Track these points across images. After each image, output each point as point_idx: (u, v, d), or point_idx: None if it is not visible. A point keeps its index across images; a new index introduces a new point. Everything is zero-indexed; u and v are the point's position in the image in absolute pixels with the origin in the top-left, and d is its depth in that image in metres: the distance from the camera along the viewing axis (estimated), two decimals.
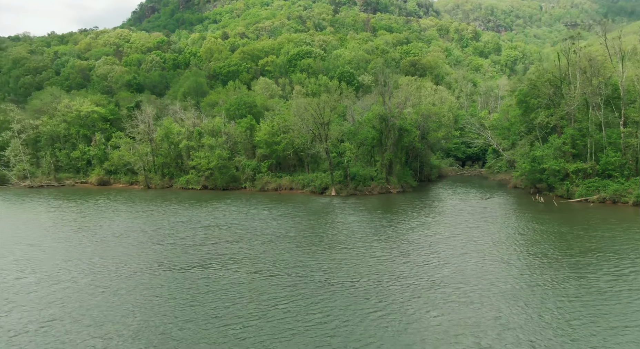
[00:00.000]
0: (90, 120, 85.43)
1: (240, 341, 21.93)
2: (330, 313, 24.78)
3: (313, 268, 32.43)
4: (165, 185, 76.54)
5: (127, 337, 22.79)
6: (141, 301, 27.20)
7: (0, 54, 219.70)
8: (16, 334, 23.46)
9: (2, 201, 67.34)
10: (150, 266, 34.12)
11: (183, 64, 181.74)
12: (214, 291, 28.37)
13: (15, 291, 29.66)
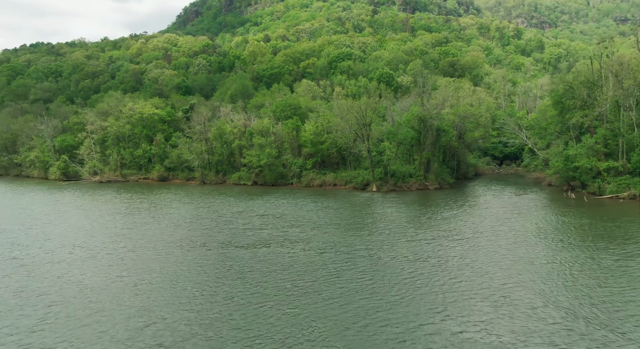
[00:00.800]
0: (151, 122, 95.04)
1: (307, 299, 28.37)
2: (373, 278, 30.88)
3: (357, 247, 38.62)
4: (219, 181, 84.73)
5: (224, 296, 29.70)
6: (226, 270, 34.23)
7: (60, 59, 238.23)
8: (136, 286, 30.87)
9: (81, 194, 77.32)
10: (223, 244, 41.29)
11: (228, 67, 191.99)
12: (279, 263, 35.05)
13: (126, 258, 37.44)
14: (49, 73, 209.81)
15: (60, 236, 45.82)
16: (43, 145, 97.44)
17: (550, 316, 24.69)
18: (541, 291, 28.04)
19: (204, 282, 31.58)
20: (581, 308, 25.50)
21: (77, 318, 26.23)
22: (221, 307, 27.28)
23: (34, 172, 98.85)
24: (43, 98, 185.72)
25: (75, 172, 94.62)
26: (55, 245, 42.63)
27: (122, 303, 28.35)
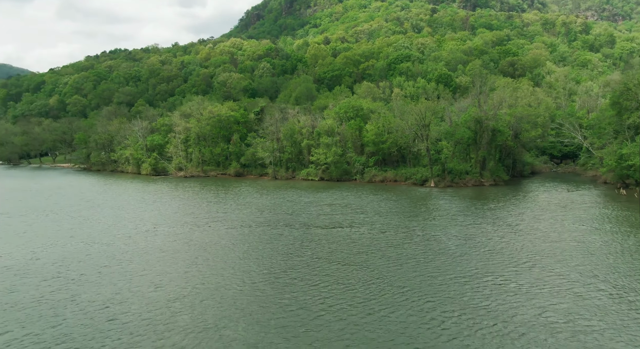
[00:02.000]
0: (227, 123, 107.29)
1: (375, 260, 36.80)
2: (427, 251, 38.74)
3: (413, 228, 46.53)
4: (289, 176, 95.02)
5: (311, 256, 38.81)
6: (311, 242, 43.44)
7: (137, 65, 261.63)
8: (245, 252, 40.71)
9: (173, 186, 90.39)
10: (303, 225, 50.65)
11: (290, 69, 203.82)
12: (350, 238, 43.74)
13: (229, 234, 47.68)
14: (129, 78, 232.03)
15: (173, 217, 57.31)
16: (136, 145, 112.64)
17: (559, 272, 31.54)
18: (561, 260, 34.70)
19: (296, 249, 40.94)
20: (586, 265, 32.06)
21: (206, 264, 36.34)
22: (314, 264, 36.37)
23: (128, 168, 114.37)
24: (125, 101, 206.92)
25: (163, 168, 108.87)
26: (173, 222, 53.95)
27: (235, 262, 38.23)
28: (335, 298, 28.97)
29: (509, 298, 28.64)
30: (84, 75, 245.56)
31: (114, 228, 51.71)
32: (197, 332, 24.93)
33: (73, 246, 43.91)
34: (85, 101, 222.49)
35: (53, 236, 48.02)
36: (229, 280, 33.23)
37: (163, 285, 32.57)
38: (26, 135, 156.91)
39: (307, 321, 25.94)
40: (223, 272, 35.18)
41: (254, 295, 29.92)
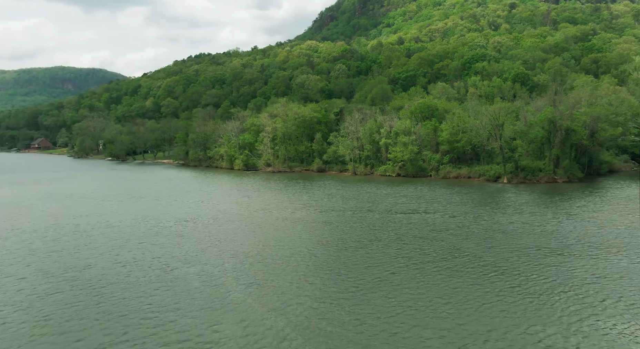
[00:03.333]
0: (310, 123, 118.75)
1: (450, 238, 44.99)
2: (487, 230, 46.23)
3: (482, 215, 53.86)
4: (368, 172, 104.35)
5: (393, 237, 47.87)
6: (388, 224, 52.49)
7: (221, 68, 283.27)
8: (338, 236, 50.62)
9: (264, 180, 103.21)
10: (384, 211, 59.69)
11: (365, 70, 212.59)
12: (424, 222, 52.11)
13: (323, 218, 57.95)
14: (214, 81, 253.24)
15: (274, 202, 68.84)
16: (230, 143, 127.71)
17: (592, 250, 37.87)
18: (602, 242, 40.79)
19: (379, 227, 50.19)
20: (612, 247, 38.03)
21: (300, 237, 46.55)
22: (396, 237, 45.35)
23: (222, 164, 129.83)
24: (212, 103, 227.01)
25: (253, 164, 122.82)
26: (275, 206, 65.34)
27: (332, 233, 48.16)
28: (417, 259, 37.75)
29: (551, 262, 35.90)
30: (175, 79, 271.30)
31: (233, 208, 64.00)
32: (313, 271, 34.89)
33: (219, 220, 56.37)
34: (177, 103, 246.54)
35: (201, 212, 61.04)
36: (329, 245, 43.10)
37: (285, 246, 43.20)
38: (132, 134, 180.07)
39: (394, 269, 35.01)
40: (324, 240, 45.21)
41: (349, 256, 39.50)
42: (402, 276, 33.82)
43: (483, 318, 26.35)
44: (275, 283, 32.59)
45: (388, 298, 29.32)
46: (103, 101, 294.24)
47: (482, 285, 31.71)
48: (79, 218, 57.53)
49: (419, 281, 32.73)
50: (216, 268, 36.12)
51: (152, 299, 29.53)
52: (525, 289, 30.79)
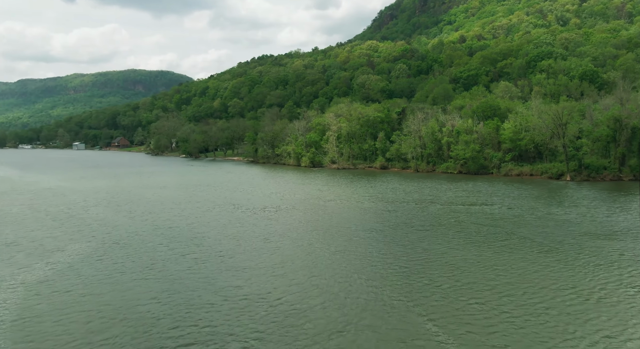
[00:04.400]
0: (374, 122, 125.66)
1: (508, 225, 50.49)
2: (541, 218, 51.09)
3: (538, 207, 58.51)
4: (429, 169, 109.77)
5: (453, 224, 54.03)
6: (450, 213, 58.53)
7: (284, 69, 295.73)
8: (402, 225, 57.46)
9: (330, 175, 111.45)
10: (446, 203, 65.61)
11: (425, 70, 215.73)
12: (483, 212, 57.66)
13: (387, 209, 64.91)
14: (278, 82, 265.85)
15: (343, 194, 76.67)
16: (297, 141, 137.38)
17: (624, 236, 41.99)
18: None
19: (441, 215, 56.44)
20: None
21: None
22: (456, 223, 51.51)
23: (290, 161, 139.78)
24: (276, 103, 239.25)
25: (318, 161, 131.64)
26: (346, 197, 73.10)
27: (400, 219, 54.99)
28: (473, 240, 43.88)
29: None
30: (240, 80, 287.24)
31: (308, 198, 72.57)
32: (384, 245, 42.04)
33: (298, 207, 65.19)
34: (243, 103, 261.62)
35: (281, 201, 70.25)
36: (397, 227, 50.08)
37: (359, 227, 50.74)
38: (204, 133, 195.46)
39: (453, 246, 41.43)
40: (391, 223, 52.27)
41: (415, 236, 46.24)
42: (459, 251, 40.33)
43: (526, 277, 32.49)
44: (356, 251, 40.29)
45: (449, 265, 36.09)
46: (174, 102, 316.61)
47: (529, 259, 37.60)
48: (181, 203, 68.39)
49: (474, 254, 39.14)
50: (305, 241, 44.39)
51: (261, 263, 38.17)
52: (566, 262, 36.39)
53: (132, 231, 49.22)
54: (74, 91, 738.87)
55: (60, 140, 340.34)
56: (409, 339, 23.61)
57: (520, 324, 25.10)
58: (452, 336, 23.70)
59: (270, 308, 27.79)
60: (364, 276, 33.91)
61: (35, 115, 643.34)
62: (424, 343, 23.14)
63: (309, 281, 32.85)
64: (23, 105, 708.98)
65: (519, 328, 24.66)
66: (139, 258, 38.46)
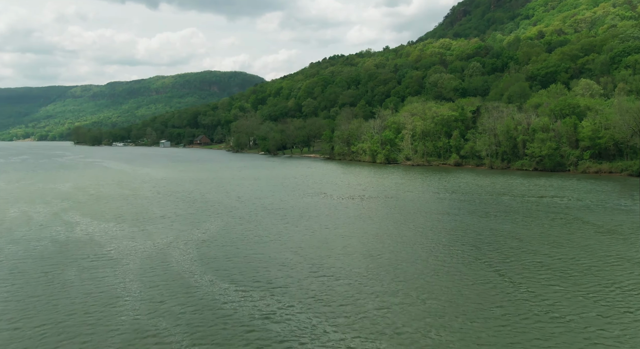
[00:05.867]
0: (448, 121, 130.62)
1: (577, 213, 55.38)
2: (609, 209, 55.19)
3: (606, 201, 62.20)
4: (504, 167, 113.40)
5: (524, 214, 59.57)
6: (521, 203, 63.81)
7: (355, 69, 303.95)
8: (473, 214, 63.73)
9: (405, 172, 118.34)
10: (519, 196, 70.63)
11: (500, 67, 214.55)
12: (553, 203, 62.42)
13: (464, 198, 71.21)
14: (350, 82, 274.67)
15: (420, 188, 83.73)
16: (372, 139, 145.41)
17: None
18: None
19: (514, 206, 62.01)
20: None
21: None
22: (528, 212, 57.04)
23: (365, 158, 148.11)
24: (348, 102, 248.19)
25: (393, 158, 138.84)
26: (421, 190, 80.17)
27: (475, 208, 61.32)
28: (539, 222, 49.57)
29: None
30: (314, 80, 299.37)
31: (389, 190, 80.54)
32: (461, 225, 48.94)
33: (380, 196, 73.60)
34: (316, 103, 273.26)
35: (367, 191, 78.97)
36: (473, 213, 56.62)
37: (440, 211, 57.92)
38: (282, 132, 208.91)
39: (522, 226, 47.50)
40: (467, 210, 58.90)
41: (490, 221, 52.61)
42: (526, 231, 46.55)
43: (587, 248, 38.41)
44: (439, 226, 47.83)
45: (516, 238, 42.67)
46: (250, 102, 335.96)
47: (593, 238, 43.14)
48: (276, 192, 79.14)
49: (539, 233, 45.19)
50: (392, 221, 52.59)
51: (360, 232, 46.81)
52: (624, 239, 41.63)
53: (248, 211, 59.99)
54: (155, 92, 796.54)
55: (148, 138, 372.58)
56: (483, 283, 31.02)
57: (575, 281, 31.62)
58: (516, 282, 30.83)
59: (386, 257, 36.31)
60: (440, 251, 41.53)
61: (123, 115, 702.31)
62: (493, 286, 30.47)
63: (410, 247, 41.04)
64: (112, 106, 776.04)
65: (574, 285, 31.22)
66: (265, 230, 48.59)
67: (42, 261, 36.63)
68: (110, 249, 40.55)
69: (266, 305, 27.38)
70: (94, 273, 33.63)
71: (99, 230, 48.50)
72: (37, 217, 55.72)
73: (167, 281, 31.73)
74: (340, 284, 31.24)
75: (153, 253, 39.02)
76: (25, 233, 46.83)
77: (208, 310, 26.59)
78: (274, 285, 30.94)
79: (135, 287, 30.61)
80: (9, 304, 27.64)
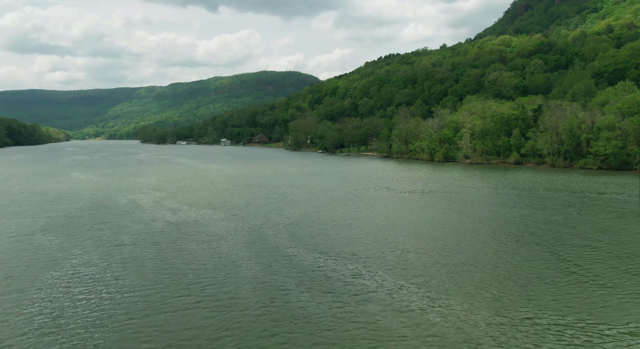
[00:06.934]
0: (509, 119, 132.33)
1: None
2: None
3: None
4: (566, 165, 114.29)
5: (579, 210, 62.80)
6: (581, 199, 66.84)
7: (411, 68, 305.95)
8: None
9: (466, 169, 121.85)
10: (578, 192, 73.34)
11: (564, 64, 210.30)
12: (610, 199, 64.94)
13: (524, 193, 74.90)
14: (406, 81, 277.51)
15: (479, 185, 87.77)
16: (431, 138, 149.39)
17: None
18: None
19: (574, 200, 65.17)
20: None
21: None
22: (581, 205, 60.33)
23: (423, 156, 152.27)
24: (404, 101, 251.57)
25: (451, 156, 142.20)
26: (480, 187, 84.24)
27: (537, 202, 65.14)
28: (597, 215, 53.06)
29: None
30: (369, 80, 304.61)
31: (449, 184, 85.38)
32: (524, 218, 53.41)
33: (440, 191, 78.86)
34: (372, 102, 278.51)
35: (426, 186, 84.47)
36: (532, 206, 60.68)
37: (502, 203, 62.42)
38: (339, 131, 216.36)
39: (579, 219, 51.33)
40: (526, 204, 62.91)
41: (549, 214, 56.59)
42: (580, 221, 50.54)
43: (637, 236, 42.30)
44: (497, 216, 52.81)
45: (571, 228, 46.99)
46: (307, 102, 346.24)
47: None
48: (342, 186, 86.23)
49: (592, 223, 49.09)
50: (456, 210, 58.03)
51: (429, 218, 52.73)
52: None
53: (320, 201, 67.39)
54: (214, 92, 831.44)
55: (209, 137, 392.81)
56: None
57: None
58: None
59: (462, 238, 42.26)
60: (512, 233, 46.72)
61: (184, 114, 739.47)
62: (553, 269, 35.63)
63: (470, 230, 46.68)
64: (173, 106, 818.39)
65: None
66: (340, 216, 55.70)
67: (164, 236, 45.62)
68: (214, 229, 49.14)
69: (354, 268, 34.38)
70: (210, 245, 42.05)
71: (197, 214, 57.60)
72: (142, 204, 66.04)
73: (269, 252, 39.48)
74: (412, 256, 37.71)
75: (250, 232, 47.15)
76: (140, 215, 56.72)
77: (310, 271, 33.94)
78: (357, 256, 37.88)
79: (247, 255, 38.59)
80: (159, 263, 36.32)
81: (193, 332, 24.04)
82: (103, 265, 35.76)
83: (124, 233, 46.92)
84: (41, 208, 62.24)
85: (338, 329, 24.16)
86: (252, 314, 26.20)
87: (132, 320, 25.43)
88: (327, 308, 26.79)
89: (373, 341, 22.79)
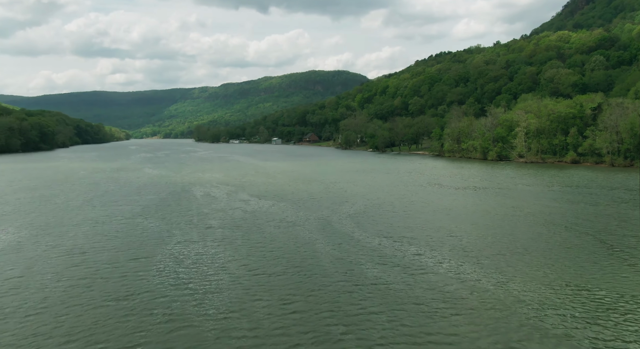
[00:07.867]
0: (566, 118, 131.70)
1: None
2: None
3: None
4: (627, 164, 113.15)
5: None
6: (628, 196, 68.01)
7: (464, 66, 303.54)
8: None
9: (520, 168, 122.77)
10: (631, 189, 74.21)
11: (628, 60, 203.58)
12: None
13: (578, 191, 76.58)
14: (458, 79, 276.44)
15: (534, 181, 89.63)
16: (484, 136, 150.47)
17: None
18: None
19: (629, 197, 66.57)
20: None
21: None
22: (631, 203, 61.85)
23: (476, 155, 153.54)
24: (456, 100, 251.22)
25: (505, 155, 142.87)
26: (534, 184, 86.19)
27: (599, 198, 67.12)
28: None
29: None
30: (420, 79, 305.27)
31: (503, 181, 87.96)
32: (569, 213, 56.11)
33: (495, 189, 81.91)
34: (423, 101, 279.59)
35: (487, 183, 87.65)
36: (582, 202, 62.90)
37: (550, 198, 65.02)
38: (390, 130, 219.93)
39: (627, 213, 53.46)
40: (577, 200, 65.08)
41: (599, 210, 58.76)
42: (629, 215, 52.89)
43: None
44: (549, 210, 55.93)
45: (619, 220, 49.56)
46: (357, 101, 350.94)
47: None
48: (397, 183, 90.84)
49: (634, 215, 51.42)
50: (509, 205, 61.49)
51: (483, 211, 56.67)
52: None
53: (377, 196, 72.58)
54: (264, 92, 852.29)
55: (261, 136, 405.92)
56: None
57: None
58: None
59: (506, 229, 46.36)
60: (557, 233, 50.11)
61: (235, 114, 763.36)
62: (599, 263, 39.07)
63: (523, 221, 50.46)
64: (225, 106, 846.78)
65: None
66: (398, 208, 60.71)
67: (245, 222, 52.44)
68: (285, 216, 55.54)
69: (417, 249, 39.52)
70: (287, 229, 48.37)
71: (267, 204, 64.34)
72: (217, 196, 73.77)
73: (339, 236, 45.24)
74: (468, 241, 42.33)
75: (319, 220, 53.15)
76: (218, 205, 64.18)
77: (377, 250, 39.38)
78: (418, 240, 42.94)
79: (319, 237, 44.55)
80: (247, 242, 42.96)
81: (289, 290, 30.10)
82: (201, 242, 42.82)
83: (209, 218, 54.25)
84: (131, 198, 71.24)
85: (408, 291, 29.52)
86: (333, 279, 32.01)
87: (240, 282, 31.90)
88: (398, 277, 32.20)
89: (438, 300, 27.95)
